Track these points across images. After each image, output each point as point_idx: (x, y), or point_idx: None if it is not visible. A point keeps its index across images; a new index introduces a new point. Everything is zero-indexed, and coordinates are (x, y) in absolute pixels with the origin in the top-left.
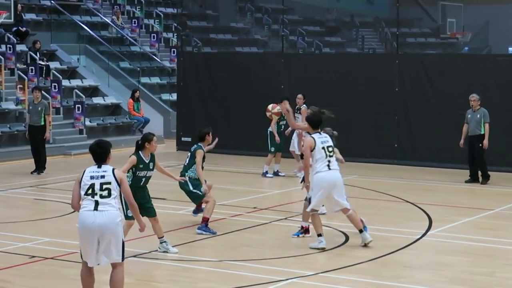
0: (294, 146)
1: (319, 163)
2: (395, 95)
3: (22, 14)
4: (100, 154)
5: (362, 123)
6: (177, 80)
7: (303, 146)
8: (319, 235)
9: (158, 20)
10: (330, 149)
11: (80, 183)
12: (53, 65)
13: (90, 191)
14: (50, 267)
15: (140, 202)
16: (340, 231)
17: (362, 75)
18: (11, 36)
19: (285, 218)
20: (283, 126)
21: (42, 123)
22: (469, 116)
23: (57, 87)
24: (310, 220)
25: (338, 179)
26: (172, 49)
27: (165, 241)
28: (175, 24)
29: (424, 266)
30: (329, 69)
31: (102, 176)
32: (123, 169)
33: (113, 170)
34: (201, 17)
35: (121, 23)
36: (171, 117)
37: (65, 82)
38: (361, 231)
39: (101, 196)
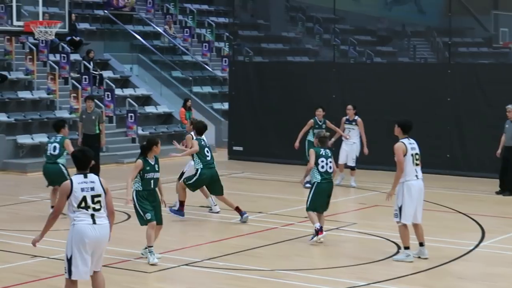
0: (344, 158)
1: (408, 170)
2: (447, 105)
3: (76, 23)
4: (84, 162)
5: (414, 133)
6: (228, 89)
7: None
8: (407, 247)
9: (210, 30)
10: (417, 156)
11: (69, 194)
12: (106, 74)
13: (83, 204)
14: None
15: (155, 207)
16: (392, 241)
17: (413, 85)
18: (65, 46)
19: (336, 228)
20: None
21: (97, 131)
22: (506, 126)
23: (110, 96)
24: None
25: (423, 189)
26: (224, 59)
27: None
28: (227, 34)
29: (478, 277)
30: (380, 79)
31: (92, 188)
32: (132, 176)
33: (100, 180)
34: (252, 27)
35: (173, 33)
36: (222, 126)
37: (118, 91)
38: (421, 244)
39: (94, 209)
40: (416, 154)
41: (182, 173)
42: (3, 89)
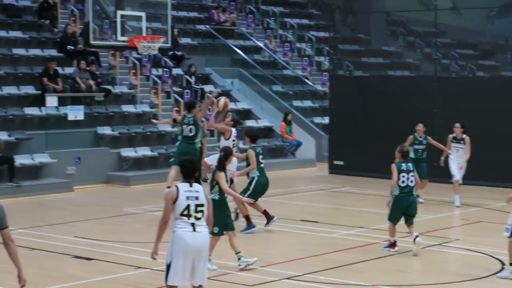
0: (458, 175)
1: None
2: None
3: (178, 38)
4: (191, 171)
5: None
6: (329, 103)
7: None
8: None
9: (310, 44)
10: None
11: (175, 201)
12: (208, 88)
13: (185, 212)
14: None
15: (228, 216)
16: (496, 258)
17: None
18: (167, 60)
19: (439, 244)
20: (420, 151)
21: (199, 145)
22: None
23: (211, 109)
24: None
25: None
26: (324, 73)
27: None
28: (327, 48)
29: None
30: (483, 93)
31: (196, 198)
32: (228, 190)
33: (204, 190)
34: (352, 41)
35: (274, 47)
36: (323, 140)
37: None
38: None
39: (196, 218)
40: None
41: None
42: (108, 103)
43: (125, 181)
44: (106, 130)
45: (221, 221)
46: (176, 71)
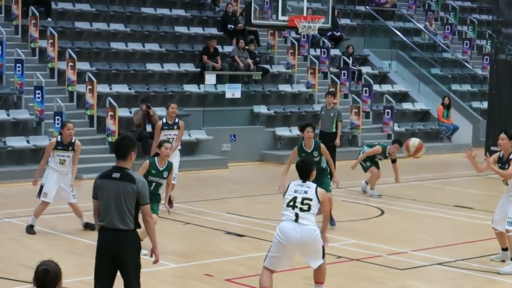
0: None
1: None
2: None
3: (338, 19)
4: (305, 171)
5: None
6: (489, 88)
7: None
8: None
9: (472, 27)
10: None
11: (284, 194)
12: (365, 69)
13: (291, 203)
14: (356, 268)
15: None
16: None
17: None
18: (326, 41)
19: None
20: None
21: (334, 129)
22: None
23: (368, 91)
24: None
25: None
26: (485, 57)
27: None
28: (489, 31)
29: None
30: None
31: (305, 192)
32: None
33: (316, 187)
34: None
35: (434, 29)
36: (480, 125)
37: (376, 87)
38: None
39: (301, 210)
40: None
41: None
42: (265, 82)
43: (279, 160)
44: (262, 109)
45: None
46: (334, 51)
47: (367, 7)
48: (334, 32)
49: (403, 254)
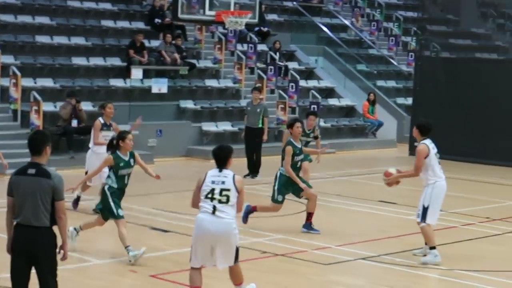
0: None
1: (436, 171)
2: None
3: (265, 14)
4: (221, 158)
5: None
6: (413, 84)
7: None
8: (433, 248)
9: (397, 24)
10: (438, 156)
11: (201, 187)
12: (292, 65)
13: (209, 195)
14: (281, 263)
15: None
16: None
17: None
18: (253, 36)
19: None
20: None
21: (260, 125)
22: None
23: (294, 87)
24: None
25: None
26: (410, 53)
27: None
28: (415, 28)
29: None
30: None
31: (223, 182)
32: (97, 169)
33: (233, 176)
34: (441, 22)
35: (360, 26)
36: (405, 121)
37: (302, 83)
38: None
39: (220, 202)
40: (437, 153)
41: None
42: (192, 77)
43: (205, 155)
44: (188, 104)
45: (118, 206)
46: (261, 47)
47: (294, 2)
48: (261, 28)
49: (328, 249)
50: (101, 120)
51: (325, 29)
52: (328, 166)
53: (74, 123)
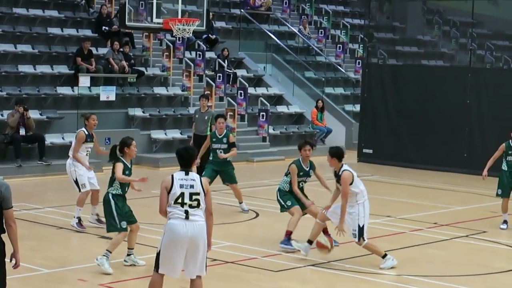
0: None
1: (362, 190)
2: None
3: (213, 22)
4: (187, 159)
5: None
6: (361, 91)
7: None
8: (385, 255)
9: (344, 31)
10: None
11: (169, 190)
12: (240, 72)
13: (180, 200)
14: (231, 270)
15: (128, 210)
16: None
17: None
18: (201, 43)
19: (466, 236)
20: None
21: (207, 132)
22: None
23: (243, 94)
24: None
25: None
26: (358, 60)
27: (133, 254)
28: (362, 36)
29: None
30: None
31: (192, 186)
32: (128, 179)
33: (200, 178)
34: (387, 29)
35: (308, 33)
36: (353, 128)
37: (251, 90)
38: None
39: (191, 206)
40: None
41: None
42: (140, 85)
43: (154, 163)
44: (137, 112)
45: (122, 218)
46: (209, 54)
47: (242, 10)
48: (209, 35)
49: (277, 256)
50: (85, 131)
51: (273, 36)
52: (276, 172)
53: (22, 131)
